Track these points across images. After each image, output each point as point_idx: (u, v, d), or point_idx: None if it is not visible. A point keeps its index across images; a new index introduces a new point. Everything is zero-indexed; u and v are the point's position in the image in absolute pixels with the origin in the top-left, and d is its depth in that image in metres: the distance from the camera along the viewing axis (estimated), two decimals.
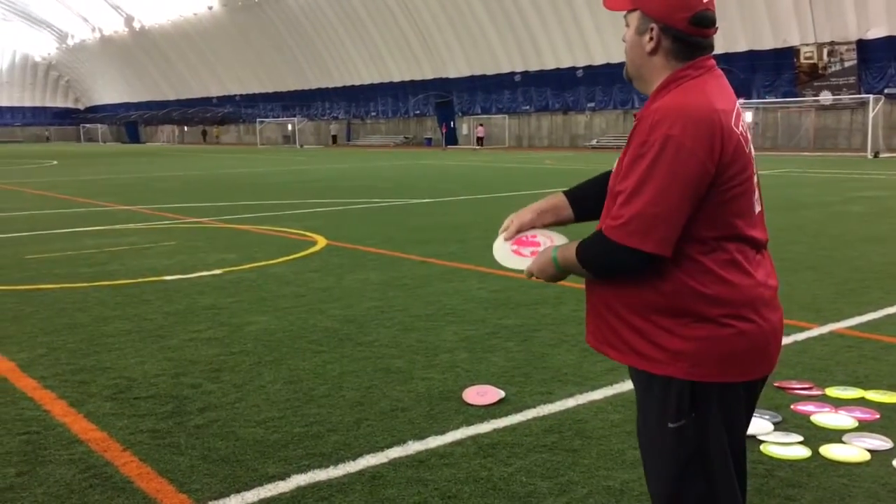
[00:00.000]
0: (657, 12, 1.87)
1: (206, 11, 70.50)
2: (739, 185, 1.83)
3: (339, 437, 3.66)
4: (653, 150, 1.77)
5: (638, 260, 1.79)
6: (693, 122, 1.77)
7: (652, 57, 1.90)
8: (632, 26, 1.93)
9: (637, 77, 1.97)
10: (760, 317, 1.86)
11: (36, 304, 6.55)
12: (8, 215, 13.70)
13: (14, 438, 3.69)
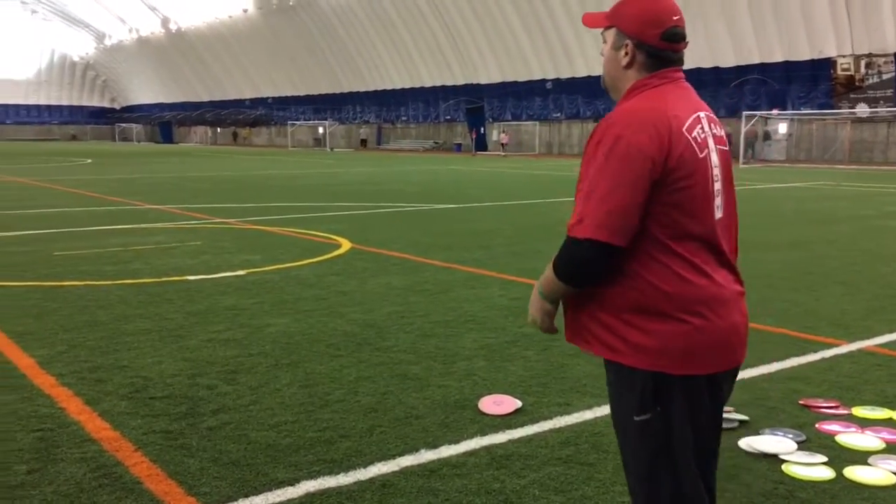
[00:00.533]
0: (631, 30, 2.03)
1: (241, 14, 71.20)
2: (689, 188, 1.93)
3: (351, 443, 3.61)
4: (603, 149, 1.91)
5: (598, 251, 1.89)
6: (640, 122, 1.91)
7: (627, 70, 2.06)
8: (608, 42, 2.09)
9: (612, 88, 2.12)
10: (717, 315, 1.96)
11: (59, 301, 6.60)
12: (40, 212, 13.88)
13: (28, 435, 3.69)
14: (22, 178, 23.48)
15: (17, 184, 21.14)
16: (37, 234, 10.88)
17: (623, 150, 1.90)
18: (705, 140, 2.00)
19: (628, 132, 1.91)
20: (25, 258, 8.77)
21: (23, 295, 6.83)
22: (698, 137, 1.98)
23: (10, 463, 3.39)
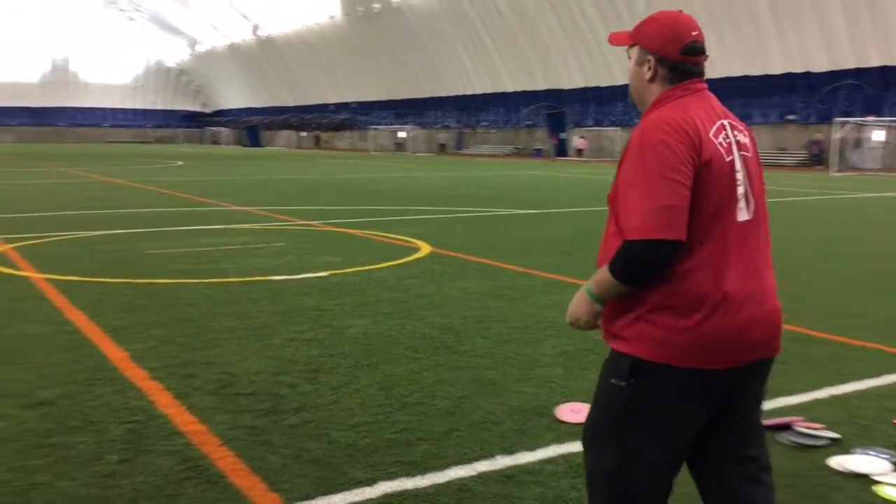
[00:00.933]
0: (653, 46, 2.19)
1: (328, 21, 72.67)
2: (715, 190, 2.05)
3: (428, 446, 3.64)
4: (645, 156, 2.02)
5: (666, 250, 1.98)
6: (672, 128, 2.04)
7: (651, 84, 2.21)
8: (633, 59, 2.24)
9: (638, 101, 2.27)
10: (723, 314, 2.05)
11: (151, 298, 6.85)
12: (134, 212, 14.45)
13: (119, 427, 3.85)
14: (117, 179, 24.50)
15: (112, 184, 22.07)
16: (130, 232, 11.32)
17: (661, 152, 2.01)
18: (730, 146, 2.12)
19: (661, 136, 2.03)
20: (119, 256, 9.15)
21: (117, 291, 7.12)
22: (723, 143, 2.11)
23: (103, 452, 3.53)
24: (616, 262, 2.06)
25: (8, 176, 25.66)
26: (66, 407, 4.10)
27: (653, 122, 2.08)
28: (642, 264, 2.01)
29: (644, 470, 2.15)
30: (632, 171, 2.04)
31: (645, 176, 2.00)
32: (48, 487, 3.18)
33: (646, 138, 2.04)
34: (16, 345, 5.28)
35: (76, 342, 5.37)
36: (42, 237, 10.56)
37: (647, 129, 2.07)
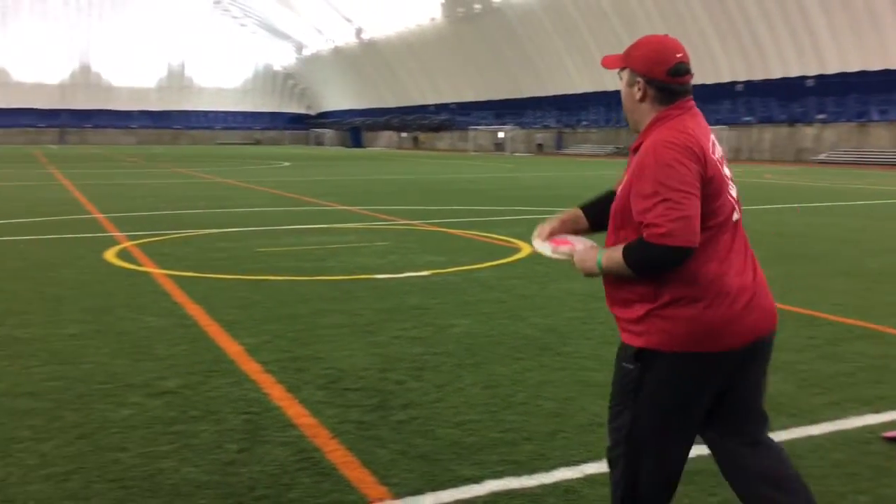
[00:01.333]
0: (641, 69, 2.38)
1: (429, 23, 73.42)
2: (718, 197, 2.31)
3: (534, 446, 3.65)
4: (662, 172, 2.23)
5: (684, 255, 2.23)
6: (681, 148, 2.26)
7: (641, 104, 2.40)
8: (624, 80, 2.44)
9: (631, 120, 2.47)
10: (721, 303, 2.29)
11: (263, 294, 7.11)
12: (244, 211, 15.01)
13: (238, 417, 4.02)
14: (228, 179, 25.48)
15: (224, 184, 22.97)
16: (242, 231, 11.77)
17: (676, 168, 2.24)
18: (721, 158, 2.41)
19: (675, 154, 2.25)
20: (232, 253, 9.53)
21: (231, 287, 7.43)
22: (718, 157, 2.37)
23: (223, 441, 3.70)
24: (635, 257, 2.28)
25: (129, 176, 27.08)
26: (187, 397, 4.32)
27: (663, 143, 2.28)
28: (661, 265, 2.26)
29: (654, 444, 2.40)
30: (650, 186, 2.24)
31: (665, 190, 2.22)
32: (174, 472, 3.35)
33: (660, 158, 2.26)
34: (140, 336, 5.58)
35: (195, 335, 5.63)
36: (160, 235, 11.11)
37: (659, 150, 2.27)
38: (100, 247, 9.83)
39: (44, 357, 5.04)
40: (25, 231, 11.63)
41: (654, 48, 2.39)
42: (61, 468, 3.38)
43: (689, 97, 2.41)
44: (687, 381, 2.36)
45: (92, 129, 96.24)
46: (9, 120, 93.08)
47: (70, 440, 3.69)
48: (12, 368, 4.79)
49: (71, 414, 4.04)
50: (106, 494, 3.15)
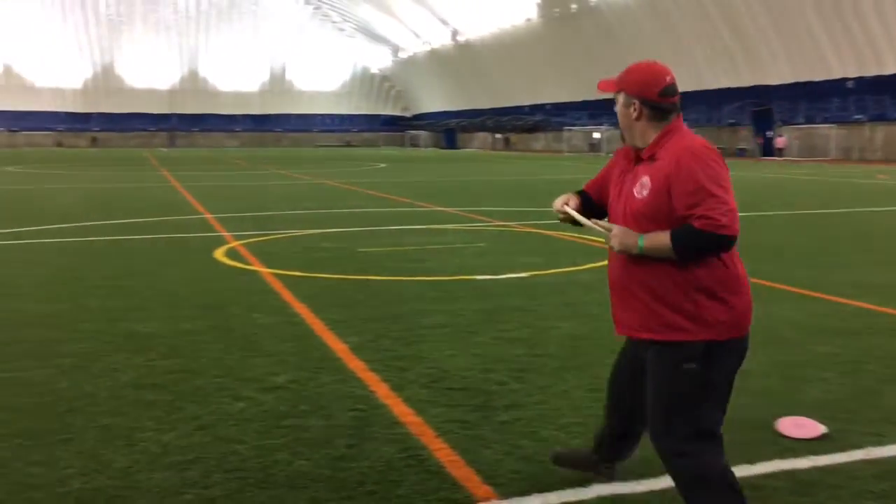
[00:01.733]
0: (635, 92, 2.72)
1: (524, 23, 73.16)
2: None
3: (641, 452, 3.59)
4: (705, 171, 2.56)
5: (732, 243, 2.57)
6: (712, 151, 2.63)
7: (637, 122, 2.73)
8: (619, 102, 2.77)
9: (628, 136, 2.79)
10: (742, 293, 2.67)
11: (365, 293, 7.27)
12: (345, 212, 15.34)
13: (346, 413, 4.12)
14: (327, 180, 26.08)
15: (324, 186, 23.53)
16: (343, 231, 12.04)
17: (719, 170, 2.59)
18: None
19: (718, 158, 2.61)
20: (335, 253, 9.76)
21: (335, 286, 7.62)
22: None
23: (333, 437, 3.81)
24: (685, 243, 2.55)
25: (234, 178, 28.08)
26: (297, 392, 4.46)
27: (700, 147, 2.62)
28: (713, 251, 2.58)
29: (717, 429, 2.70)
30: (694, 184, 2.54)
31: (713, 186, 2.53)
32: (287, 465, 3.48)
33: (700, 160, 2.58)
34: (250, 333, 5.80)
35: (302, 333, 5.81)
36: (266, 234, 11.48)
37: (697, 153, 2.60)
38: (210, 246, 10.25)
39: (163, 351, 5.30)
40: (141, 230, 12.23)
41: (645, 72, 2.74)
42: (182, 457, 3.55)
43: (680, 114, 2.75)
44: (736, 365, 2.72)
45: (199, 133, 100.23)
46: (123, 124, 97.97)
47: (190, 431, 3.88)
48: (136, 361, 5.06)
49: (190, 406, 4.23)
50: (224, 484, 3.29)
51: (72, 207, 16.22)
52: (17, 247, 10.41)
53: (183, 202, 17.50)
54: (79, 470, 3.41)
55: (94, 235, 11.60)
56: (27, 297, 7.11)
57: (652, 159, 2.68)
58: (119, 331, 5.85)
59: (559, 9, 67.06)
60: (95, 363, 5.01)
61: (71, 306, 6.71)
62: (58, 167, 36.51)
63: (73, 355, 5.18)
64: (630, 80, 2.75)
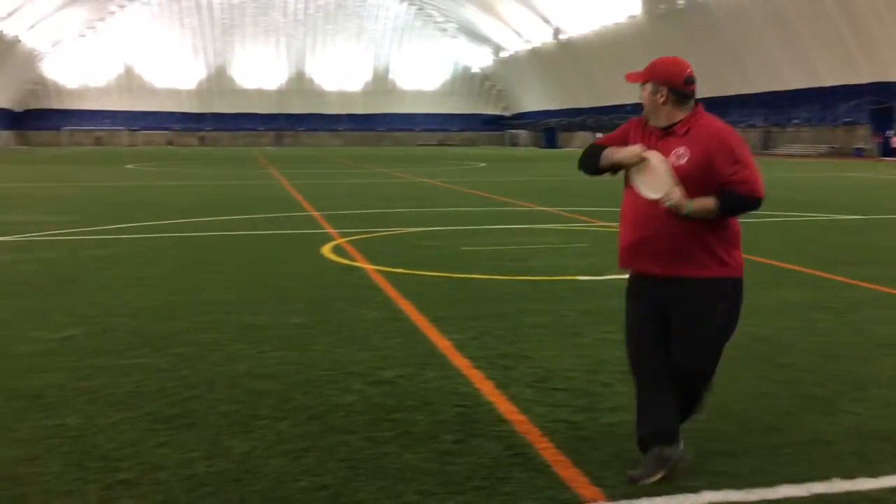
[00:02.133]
0: (662, 81, 3.32)
1: (628, 20, 71.91)
2: None
3: (754, 459, 3.52)
4: (740, 147, 3.26)
5: (761, 203, 3.28)
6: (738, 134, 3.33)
7: (663, 105, 3.34)
8: (647, 90, 3.36)
9: (652, 116, 3.40)
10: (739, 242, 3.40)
11: (468, 291, 7.33)
12: (446, 210, 15.49)
13: (451, 409, 4.19)
14: (428, 179, 26.36)
15: (425, 184, 23.81)
16: (445, 230, 12.16)
17: (742, 143, 3.31)
18: None
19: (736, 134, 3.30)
20: (437, 251, 9.88)
21: (438, 284, 7.72)
22: None
23: (439, 431, 3.87)
24: (732, 206, 3.24)
25: (338, 176, 28.76)
26: (404, 387, 4.56)
27: (730, 131, 3.30)
28: (752, 209, 3.30)
29: None
30: (732, 157, 3.22)
31: (747, 159, 3.25)
32: (396, 458, 3.56)
33: (735, 137, 3.28)
34: (357, 328, 5.95)
35: (407, 329, 5.92)
36: (370, 232, 11.73)
37: (733, 134, 3.30)
38: (317, 242, 10.55)
39: (275, 343, 5.51)
40: (253, 226, 12.70)
41: (671, 66, 3.35)
42: (297, 445, 3.69)
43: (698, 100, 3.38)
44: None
45: (304, 132, 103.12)
46: (233, 124, 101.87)
47: (303, 420, 4.02)
48: (250, 352, 5.27)
49: (302, 396, 4.39)
50: (337, 472, 3.40)
51: (188, 204, 16.99)
52: (140, 240, 10.99)
53: (291, 199, 18.05)
54: (202, 454, 3.59)
55: (210, 231, 12.12)
56: (152, 288, 7.51)
57: (686, 134, 3.28)
58: (234, 322, 6.11)
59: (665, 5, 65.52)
60: (214, 353, 5.25)
61: (191, 298, 7.05)
62: (173, 165, 38.28)
63: (194, 344, 5.45)
64: (657, 72, 3.36)
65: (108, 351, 5.31)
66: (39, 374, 4.78)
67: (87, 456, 3.56)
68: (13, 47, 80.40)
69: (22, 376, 4.75)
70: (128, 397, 4.37)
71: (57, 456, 3.57)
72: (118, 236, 11.42)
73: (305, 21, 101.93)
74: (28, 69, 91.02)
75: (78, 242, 10.77)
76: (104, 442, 3.73)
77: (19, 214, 14.75)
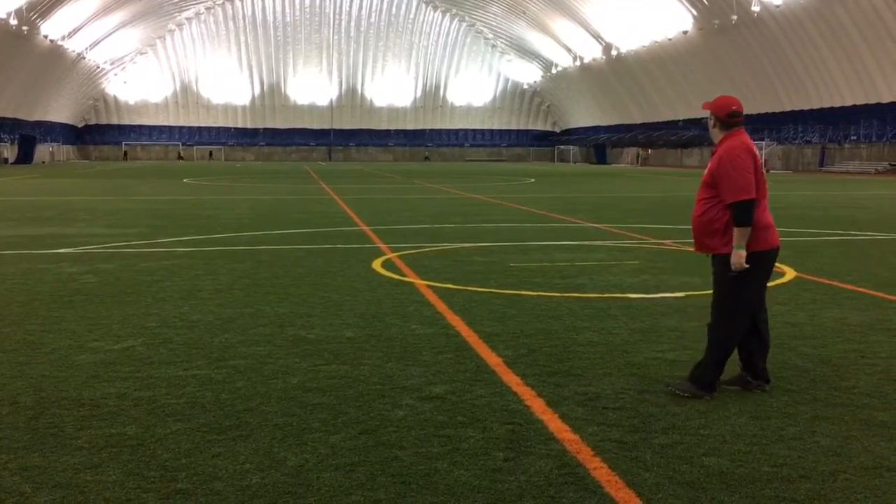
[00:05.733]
0: (713, 112, 4.84)
1: (681, 36, 71.21)
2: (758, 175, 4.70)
3: (812, 485, 3.44)
4: (729, 161, 4.68)
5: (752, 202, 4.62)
6: (743, 148, 4.72)
7: (713, 129, 4.88)
8: (711, 119, 4.87)
9: (711, 136, 4.91)
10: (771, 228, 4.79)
11: (517, 308, 7.32)
12: (495, 226, 15.49)
13: (502, 426, 4.18)
14: (477, 195, 26.40)
15: (474, 200, 23.85)
16: (494, 245, 12.17)
17: (744, 158, 4.67)
18: (758, 153, 4.92)
19: (740, 152, 4.69)
20: (487, 267, 9.88)
21: (487, 300, 7.71)
22: (756, 152, 4.79)
23: (490, 448, 3.87)
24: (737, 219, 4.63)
25: (388, 191, 28.98)
26: (454, 402, 4.57)
27: (734, 146, 4.71)
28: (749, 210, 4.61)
29: None
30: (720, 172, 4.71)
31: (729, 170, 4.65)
32: (447, 474, 3.57)
33: (726, 155, 4.70)
34: (408, 343, 5.98)
35: (457, 345, 5.93)
36: (420, 247, 11.79)
37: (736, 149, 4.70)
38: (368, 257, 10.65)
39: (327, 357, 5.57)
40: (305, 240, 12.87)
41: (722, 101, 4.84)
42: (348, 459, 3.73)
43: (741, 127, 4.85)
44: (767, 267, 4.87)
45: (354, 148, 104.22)
46: (286, 139, 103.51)
47: (354, 434, 4.06)
48: (302, 366, 5.34)
49: (353, 410, 4.43)
50: (388, 487, 3.42)
51: (242, 218, 17.29)
52: (195, 254, 11.22)
53: (342, 214, 18.24)
54: (256, 465, 3.65)
55: (263, 245, 12.32)
56: (208, 300, 7.66)
57: (715, 152, 4.81)
58: (287, 336, 6.19)
59: (718, 20, 64.75)
60: (267, 365, 5.33)
61: (245, 311, 7.17)
62: (228, 179, 39.00)
63: (248, 357, 5.54)
64: (714, 104, 4.87)
65: (166, 362, 5.43)
66: (100, 384, 4.92)
67: (145, 465, 3.65)
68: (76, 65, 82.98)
69: (83, 385, 4.89)
70: (185, 408, 4.46)
71: (117, 464, 3.66)
72: (174, 249, 11.67)
73: (357, 38, 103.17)
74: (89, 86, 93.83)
75: (136, 255, 11.05)
76: (162, 451, 3.81)
77: (81, 227, 15.18)
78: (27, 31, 64.02)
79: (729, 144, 4.70)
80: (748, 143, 4.71)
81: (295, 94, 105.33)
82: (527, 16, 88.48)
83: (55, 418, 4.28)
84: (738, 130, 4.77)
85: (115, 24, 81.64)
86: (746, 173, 4.60)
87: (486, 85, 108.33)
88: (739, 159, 4.61)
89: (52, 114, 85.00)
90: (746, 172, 4.60)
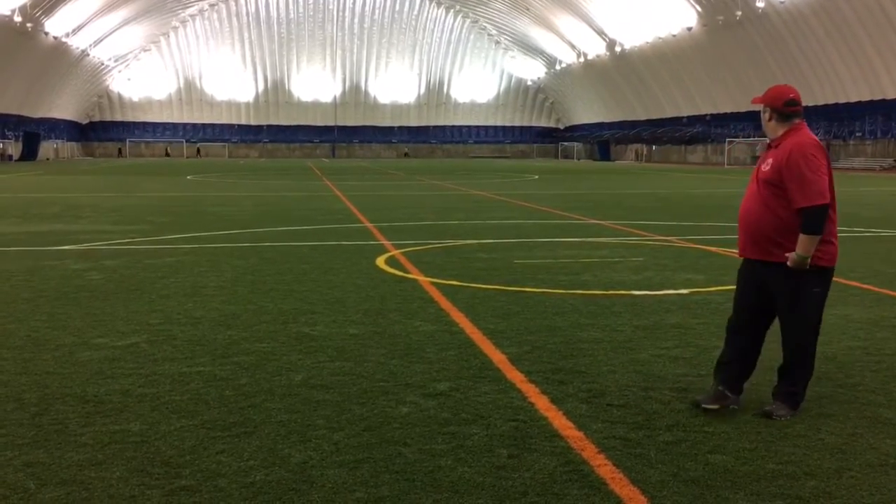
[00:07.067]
0: (769, 103, 4.36)
1: (685, 32, 71.04)
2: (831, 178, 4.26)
3: (817, 482, 3.43)
4: (804, 161, 4.15)
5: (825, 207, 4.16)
6: (816, 146, 4.22)
7: (769, 123, 4.38)
8: (765, 112, 4.38)
9: (768, 132, 4.43)
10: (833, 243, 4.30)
11: (521, 305, 7.31)
12: (499, 223, 15.48)
13: (506, 423, 4.17)
14: (481, 191, 26.38)
15: (478, 196, 23.83)
16: (498, 242, 12.15)
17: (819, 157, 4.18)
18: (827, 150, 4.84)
19: (815, 150, 4.20)
20: (491, 264, 9.87)
21: (491, 297, 7.71)
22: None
23: (494, 446, 3.86)
24: (814, 224, 4.15)
25: (392, 188, 28.97)
26: (458, 399, 4.56)
27: (805, 143, 4.21)
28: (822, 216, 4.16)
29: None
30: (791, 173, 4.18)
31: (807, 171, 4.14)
32: (451, 471, 3.56)
33: (799, 152, 4.18)
34: (412, 340, 5.97)
35: (461, 342, 5.92)
36: (424, 244, 11.78)
37: (798, 148, 4.20)
38: (371, 254, 10.65)
39: (331, 353, 5.57)
40: (309, 237, 12.87)
41: (776, 91, 4.37)
42: (352, 456, 3.72)
43: (802, 119, 4.35)
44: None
45: (358, 144, 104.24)
46: (289, 136, 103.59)
47: (358, 431, 4.05)
48: (306, 362, 5.34)
49: (357, 407, 4.42)
50: (392, 485, 3.41)
51: (246, 214, 17.30)
52: (199, 250, 11.23)
53: (345, 211, 18.24)
54: (260, 462, 3.64)
55: (267, 241, 12.32)
56: (212, 297, 7.66)
57: (777, 147, 4.31)
58: (291, 332, 6.19)
59: (723, 17, 64.58)
60: (271, 362, 5.33)
61: (249, 308, 7.17)
62: (231, 176, 39.03)
63: (252, 353, 5.54)
64: (767, 96, 4.39)
65: (170, 359, 5.43)
66: (104, 381, 4.92)
67: (149, 461, 3.65)
68: (80, 62, 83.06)
69: (87, 382, 4.89)
70: (188, 404, 4.46)
71: (121, 461, 3.66)
72: (178, 246, 11.68)
73: (360, 35, 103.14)
74: (93, 83, 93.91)
75: (140, 252, 11.06)
76: (166, 448, 3.81)
77: (86, 224, 15.21)
78: (31, 28, 64.13)
79: (798, 141, 4.16)
80: (818, 141, 4.23)
81: (299, 91, 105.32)
82: (530, 12, 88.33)
83: (59, 415, 4.29)
84: (801, 124, 4.28)
85: (118, 20, 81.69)
86: (822, 175, 4.11)
87: (490, 81, 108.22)
88: (815, 158, 4.11)
89: (56, 111, 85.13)
90: (822, 174, 4.11)
